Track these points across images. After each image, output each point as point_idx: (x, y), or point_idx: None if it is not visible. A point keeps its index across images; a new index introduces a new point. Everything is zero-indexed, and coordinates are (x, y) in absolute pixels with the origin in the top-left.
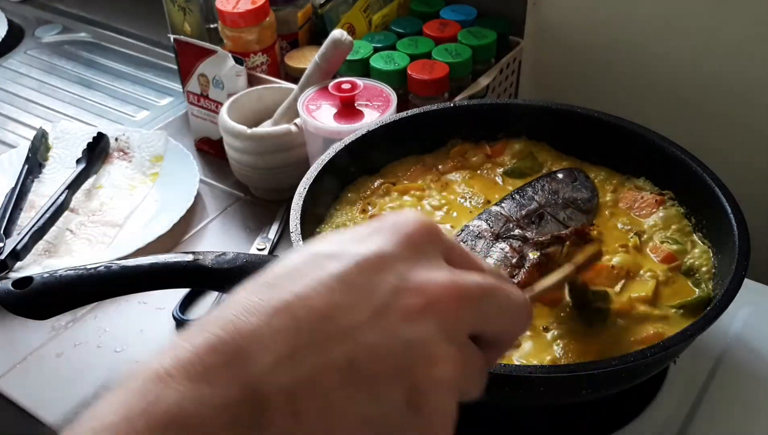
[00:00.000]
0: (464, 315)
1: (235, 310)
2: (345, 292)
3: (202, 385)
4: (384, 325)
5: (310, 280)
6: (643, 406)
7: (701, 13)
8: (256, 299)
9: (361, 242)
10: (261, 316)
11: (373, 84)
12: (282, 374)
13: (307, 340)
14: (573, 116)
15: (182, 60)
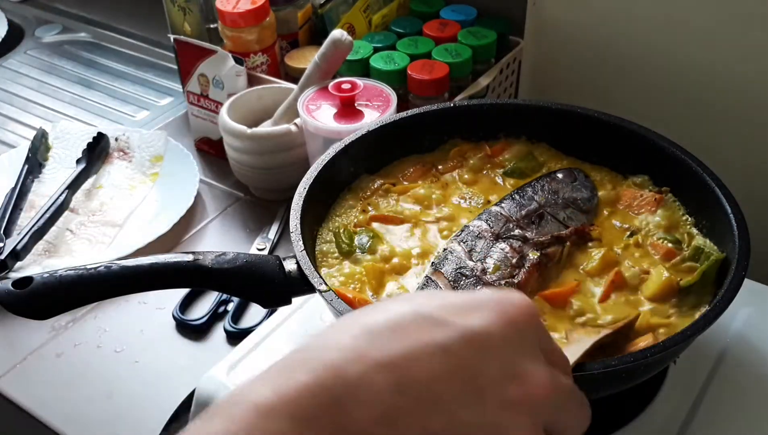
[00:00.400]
0: (551, 412)
1: (338, 352)
2: (449, 365)
3: (302, 427)
4: (483, 408)
5: (415, 343)
6: (643, 406)
7: (701, 13)
8: (360, 347)
9: (466, 314)
10: (364, 368)
11: (373, 84)
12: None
13: (406, 404)
14: (573, 116)
15: (182, 60)
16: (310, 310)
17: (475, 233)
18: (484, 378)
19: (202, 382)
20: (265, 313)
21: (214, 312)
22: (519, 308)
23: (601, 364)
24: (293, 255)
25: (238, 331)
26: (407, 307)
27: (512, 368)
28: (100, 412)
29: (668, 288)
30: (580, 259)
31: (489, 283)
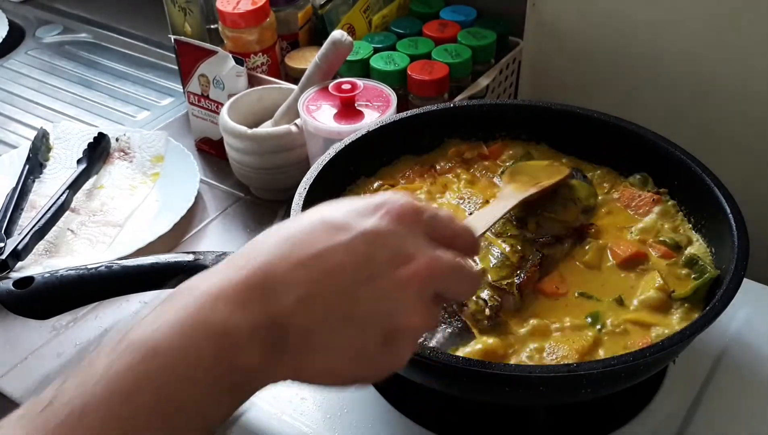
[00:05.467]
0: (437, 284)
1: (266, 256)
2: (349, 258)
3: (241, 311)
4: (377, 286)
5: (323, 245)
6: (642, 406)
7: (701, 13)
8: (282, 252)
9: (362, 218)
10: (286, 267)
11: (373, 84)
12: (298, 312)
13: (318, 290)
14: (572, 116)
15: (183, 60)
16: None
17: None
18: (376, 264)
19: None
20: None
21: None
22: (403, 207)
23: (600, 364)
24: None
25: None
26: (317, 216)
27: (398, 254)
28: None
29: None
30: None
31: (490, 284)
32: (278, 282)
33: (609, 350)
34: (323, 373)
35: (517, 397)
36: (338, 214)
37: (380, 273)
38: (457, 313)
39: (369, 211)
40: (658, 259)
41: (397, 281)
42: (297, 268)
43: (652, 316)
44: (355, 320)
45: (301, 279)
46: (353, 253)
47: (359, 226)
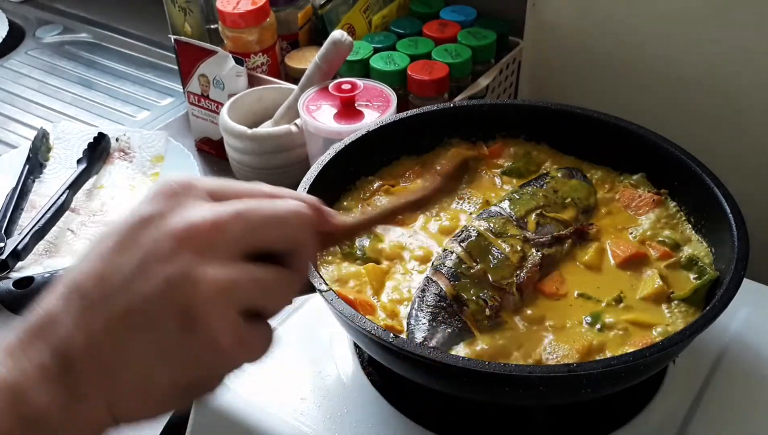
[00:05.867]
0: (219, 238)
1: (43, 300)
2: (117, 256)
3: (20, 358)
4: (147, 271)
5: (93, 255)
6: (642, 406)
7: (700, 14)
8: (58, 287)
9: (131, 215)
10: (60, 296)
11: (373, 84)
12: (78, 334)
13: (91, 301)
14: (572, 116)
15: (183, 60)
16: (310, 310)
17: (475, 233)
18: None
19: None
20: None
21: None
22: (167, 184)
23: (600, 364)
24: None
25: None
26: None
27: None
28: None
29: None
30: (579, 255)
31: (490, 284)
32: (54, 312)
33: (609, 350)
34: (138, 391)
35: (517, 397)
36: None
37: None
38: (457, 313)
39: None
40: (657, 260)
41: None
42: (69, 293)
43: (651, 317)
44: (138, 319)
45: (72, 299)
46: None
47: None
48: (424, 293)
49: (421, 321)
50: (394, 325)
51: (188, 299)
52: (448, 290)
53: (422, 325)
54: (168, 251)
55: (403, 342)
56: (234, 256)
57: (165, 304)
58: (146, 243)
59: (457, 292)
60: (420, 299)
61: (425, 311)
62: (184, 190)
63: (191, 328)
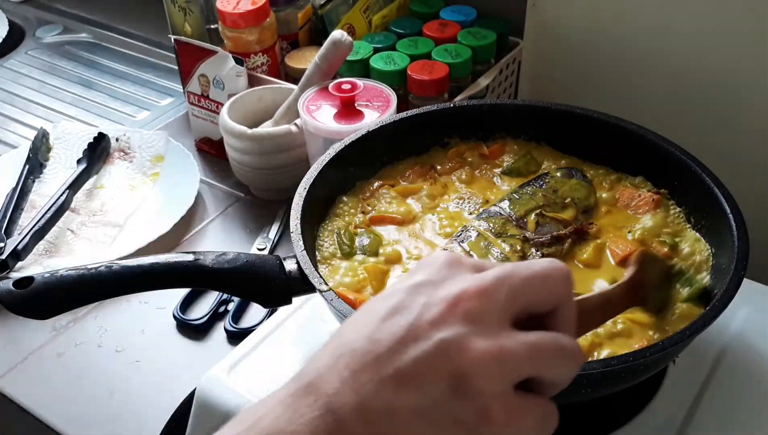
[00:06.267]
0: (486, 306)
1: (313, 357)
2: (388, 318)
3: (291, 410)
4: (418, 334)
5: (365, 320)
6: (642, 406)
7: (701, 14)
8: (328, 346)
9: (403, 282)
10: (329, 354)
11: (373, 84)
12: (347, 392)
13: (362, 362)
14: (572, 116)
15: (183, 60)
16: (310, 310)
17: (475, 233)
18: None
19: (203, 382)
20: (265, 313)
21: (214, 312)
22: (440, 257)
23: (600, 364)
24: (293, 255)
25: (239, 330)
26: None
27: (435, 296)
28: (101, 411)
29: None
30: (578, 254)
31: None
32: (324, 371)
33: (608, 350)
34: None
35: None
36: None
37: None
38: None
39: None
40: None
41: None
42: (340, 353)
43: (649, 317)
44: (408, 380)
45: (342, 361)
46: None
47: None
48: None
49: None
50: None
51: (459, 365)
52: None
53: None
54: (438, 316)
55: None
56: (503, 323)
57: (436, 367)
58: (417, 307)
59: None
60: None
61: None
62: (454, 264)
63: (462, 395)
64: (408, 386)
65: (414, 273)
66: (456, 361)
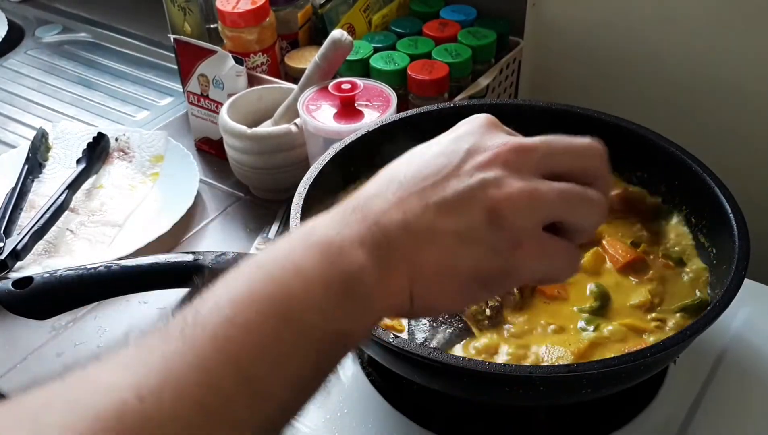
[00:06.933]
0: (526, 157)
1: (360, 190)
2: (435, 158)
3: (341, 223)
4: (461, 173)
5: (411, 160)
6: (643, 406)
7: (701, 14)
8: (377, 177)
9: (450, 133)
10: (376, 185)
11: (373, 84)
12: (393, 212)
13: (409, 190)
14: (573, 116)
15: (182, 60)
16: None
17: None
18: (459, 156)
19: None
20: None
21: None
22: (479, 117)
23: (601, 364)
24: None
25: None
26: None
27: (479, 144)
28: None
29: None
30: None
31: None
32: (373, 197)
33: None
34: (441, 271)
35: (517, 397)
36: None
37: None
38: (457, 313)
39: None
40: (655, 265)
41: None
42: (388, 184)
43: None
44: (450, 207)
45: (390, 189)
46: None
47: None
48: None
49: (421, 321)
50: (395, 325)
51: (497, 200)
52: None
53: (423, 326)
54: (482, 160)
55: (403, 342)
56: (537, 174)
57: (475, 200)
58: (465, 152)
59: None
60: None
61: None
62: (494, 123)
63: (497, 225)
64: (450, 213)
65: (457, 128)
66: (494, 197)
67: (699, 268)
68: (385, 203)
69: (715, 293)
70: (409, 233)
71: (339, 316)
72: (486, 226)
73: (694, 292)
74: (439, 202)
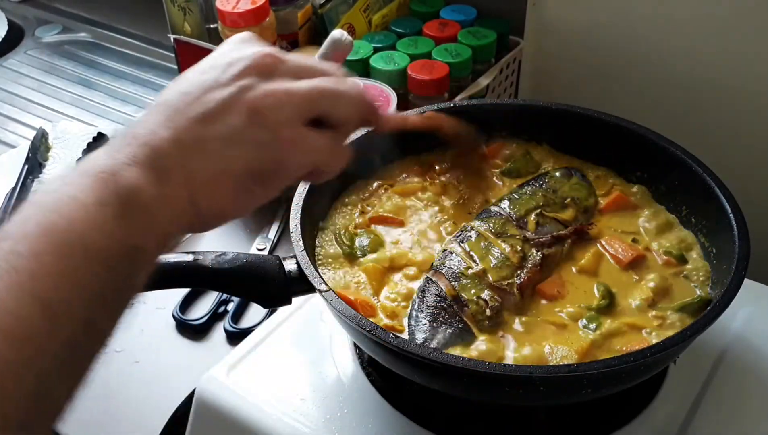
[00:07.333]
0: (277, 64)
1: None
2: (199, 78)
3: (114, 152)
4: (222, 85)
5: (182, 81)
6: (643, 406)
7: (701, 14)
8: (150, 105)
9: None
10: (149, 111)
11: (373, 84)
12: (161, 130)
13: (175, 108)
14: (572, 116)
15: (182, 60)
16: (310, 310)
17: (475, 234)
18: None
19: (202, 382)
20: (265, 313)
21: (214, 312)
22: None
23: (601, 364)
24: (293, 255)
25: (238, 331)
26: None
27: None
28: (99, 411)
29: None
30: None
31: (490, 284)
32: (142, 122)
33: (607, 353)
34: (216, 174)
35: (517, 397)
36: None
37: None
38: (457, 313)
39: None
40: (657, 263)
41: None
42: (156, 108)
43: (648, 321)
44: (213, 115)
45: (158, 111)
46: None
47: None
48: (425, 294)
49: (421, 322)
50: (395, 325)
51: (255, 101)
52: (449, 290)
53: (423, 326)
54: (239, 71)
55: (403, 342)
56: (290, 77)
57: (236, 104)
58: (223, 66)
59: (457, 292)
60: (420, 300)
61: (426, 312)
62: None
63: (258, 123)
64: (215, 121)
65: (218, 48)
66: (252, 99)
67: (700, 265)
68: (155, 125)
69: (716, 293)
70: (180, 146)
71: (122, 232)
72: (248, 126)
73: (695, 290)
74: (204, 112)
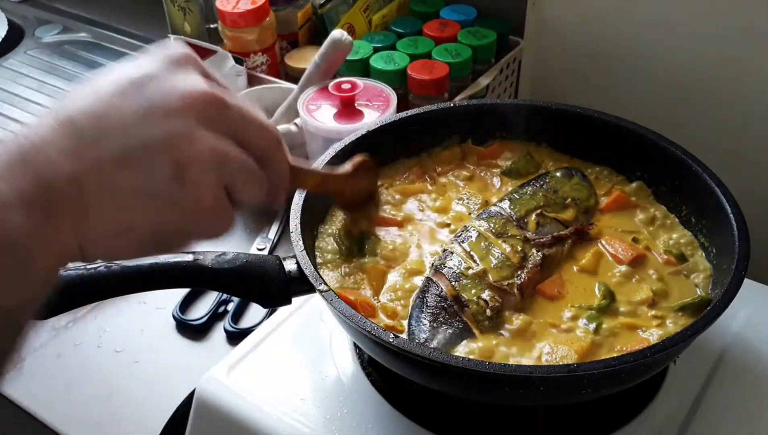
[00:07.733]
0: (221, 113)
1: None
2: (118, 99)
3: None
4: (151, 120)
5: (92, 97)
6: (643, 406)
7: (701, 14)
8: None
9: (134, 66)
10: (50, 128)
11: (373, 84)
12: (65, 164)
13: (86, 137)
14: (572, 116)
15: None
16: (310, 310)
17: (475, 234)
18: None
19: (202, 382)
20: (265, 313)
21: (214, 312)
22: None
23: (601, 364)
24: (293, 255)
25: (238, 331)
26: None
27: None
28: (100, 411)
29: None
30: (578, 255)
31: (491, 284)
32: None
33: (607, 352)
34: (114, 228)
35: (518, 397)
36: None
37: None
38: (458, 313)
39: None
40: (657, 262)
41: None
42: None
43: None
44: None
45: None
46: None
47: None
48: (425, 294)
49: (422, 322)
50: (395, 325)
51: (186, 155)
52: (449, 291)
53: (423, 326)
54: (174, 107)
55: (403, 342)
56: (227, 135)
57: (163, 153)
58: (152, 95)
59: (457, 292)
60: (420, 300)
61: (426, 312)
62: (187, 61)
63: (182, 182)
64: (132, 166)
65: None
66: (183, 152)
67: (701, 265)
68: (56, 151)
69: (716, 293)
70: (81, 190)
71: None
72: (171, 182)
73: (695, 290)
74: (121, 154)
